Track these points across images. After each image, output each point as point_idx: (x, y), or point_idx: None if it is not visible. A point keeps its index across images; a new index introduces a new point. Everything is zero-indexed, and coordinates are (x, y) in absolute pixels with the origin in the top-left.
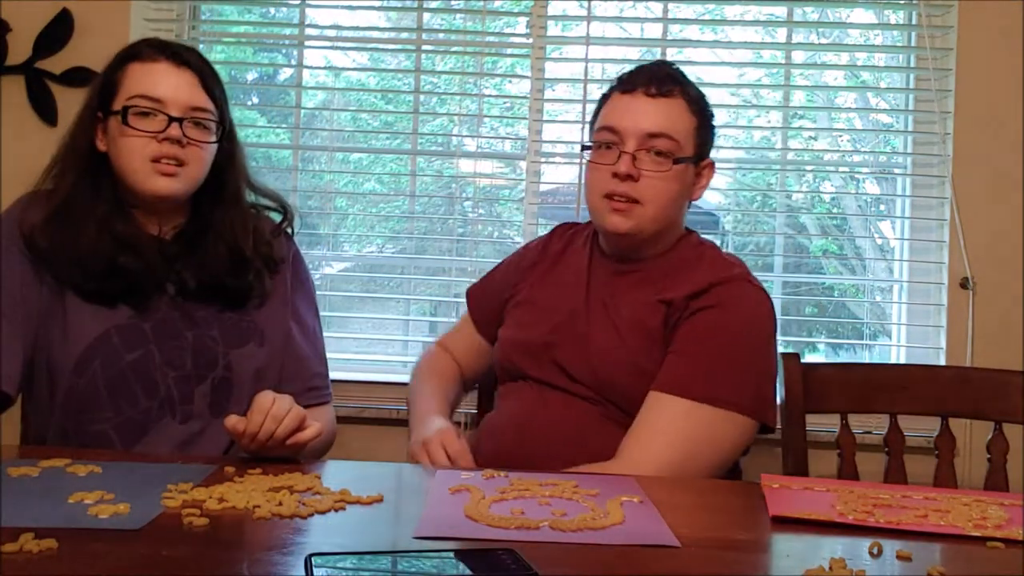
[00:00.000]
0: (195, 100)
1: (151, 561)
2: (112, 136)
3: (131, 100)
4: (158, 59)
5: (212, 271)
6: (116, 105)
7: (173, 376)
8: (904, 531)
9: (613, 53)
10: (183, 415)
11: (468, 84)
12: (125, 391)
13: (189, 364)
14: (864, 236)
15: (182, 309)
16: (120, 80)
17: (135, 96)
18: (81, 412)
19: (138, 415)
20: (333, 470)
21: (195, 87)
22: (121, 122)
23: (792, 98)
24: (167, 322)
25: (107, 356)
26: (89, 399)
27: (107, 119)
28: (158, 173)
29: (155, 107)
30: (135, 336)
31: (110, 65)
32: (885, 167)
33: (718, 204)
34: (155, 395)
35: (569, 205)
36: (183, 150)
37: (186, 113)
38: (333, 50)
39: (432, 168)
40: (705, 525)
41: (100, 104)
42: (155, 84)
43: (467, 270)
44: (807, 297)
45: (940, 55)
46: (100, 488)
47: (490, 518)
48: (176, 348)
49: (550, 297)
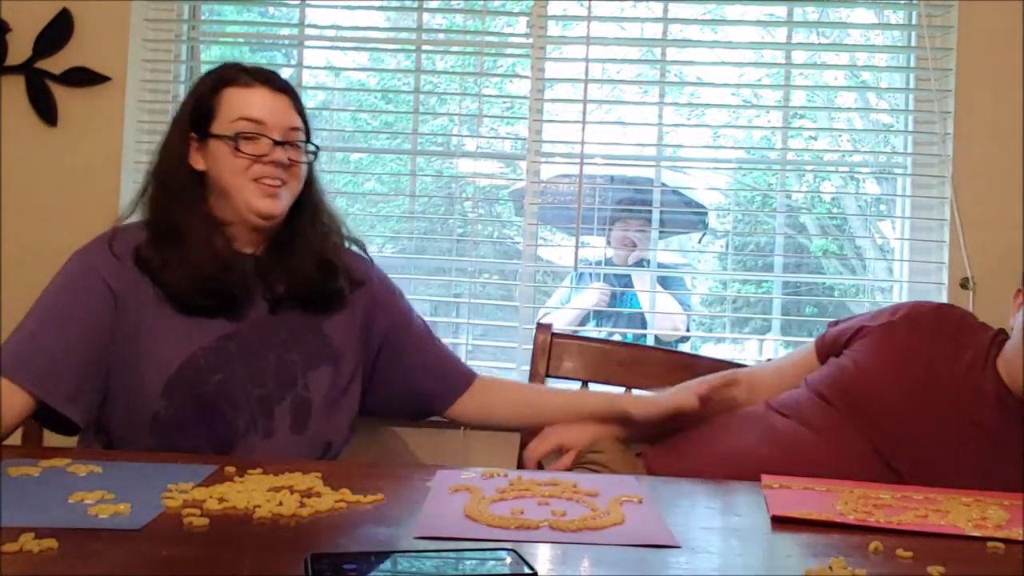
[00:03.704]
0: (291, 122)
1: (151, 561)
2: (215, 157)
3: (236, 124)
4: (253, 84)
5: (302, 279)
6: (217, 128)
7: (256, 394)
8: (904, 531)
9: (613, 53)
10: (266, 431)
11: (468, 84)
12: (213, 411)
13: (271, 384)
14: (864, 236)
15: (267, 328)
16: (217, 104)
17: (239, 119)
18: (174, 432)
19: (227, 432)
20: (333, 470)
21: (290, 109)
22: (233, 147)
23: (792, 98)
24: (251, 342)
25: (195, 379)
26: (181, 421)
27: (204, 140)
28: (263, 194)
29: (259, 130)
30: (221, 357)
31: (201, 89)
32: (885, 167)
33: (718, 204)
34: (240, 412)
35: (570, 205)
36: (285, 171)
37: (286, 135)
38: (333, 50)
39: (432, 168)
40: (705, 525)
41: (194, 126)
42: (257, 108)
43: (467, 270)
44: (807, 297)
45: (940, 55)
46: (100, 488)
47: (490, 518)
48: (258, 368)
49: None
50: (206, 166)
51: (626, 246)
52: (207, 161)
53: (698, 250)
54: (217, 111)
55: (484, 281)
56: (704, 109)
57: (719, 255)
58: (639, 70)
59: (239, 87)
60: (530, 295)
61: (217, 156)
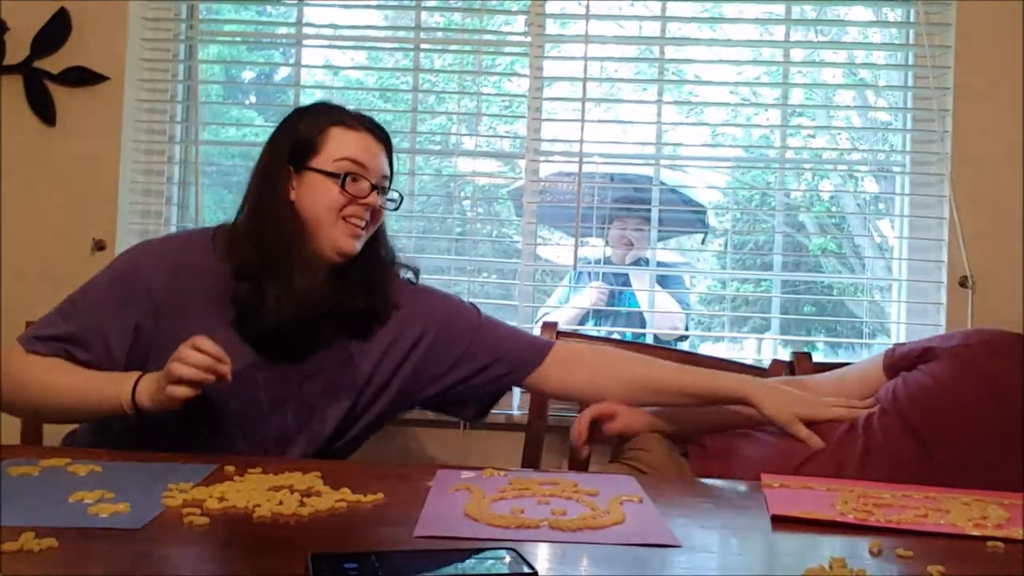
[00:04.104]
0: (385, 170)
1: (151, 560)
2: (310, 190)
3: (341, 163)
4: (359, 129)
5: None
6: (318, 163)
7: (274, 435)
8: (904, 530)
9: (612, 51)
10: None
11: (466, 82)
12: (226, 435)
13: (289, 418)
14: (863, 235)
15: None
16: (323, 141)
17: (344, 160)
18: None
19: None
20: (333, 470)
21: (385, 158)
22: (338, 184)
23: (790, 96)
24: (278, 373)
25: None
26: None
27: (300, 173)
28: (349, 233)
29: (361, 172)
30: (247, 385)
31: (305, 124)
32: (884, 165)
33: (717, 202)
34: (253, 444)
35: (568, 204)
36: (370, 214)
37: (380, 182)
38: (331, 49)
39: (431, 167)
40: (705, 524)
41: (293, 158)
42: (362, 152)
43: (466, 269)
44: (806, 296)
45: (938, 52)
46: (100, 487)
47: (490, 517)
48: (282, 401)
49: None
50: (295, 198)
51: (624, 245)
52: (297, 193)
53: (697, 249)
54: (321, 147)
55: (483, 280)
56: (703, 107)
57: (718, 254)
58: (637, 68)
59: (346, 128)
60: (529, 294)
61: (314, 190)
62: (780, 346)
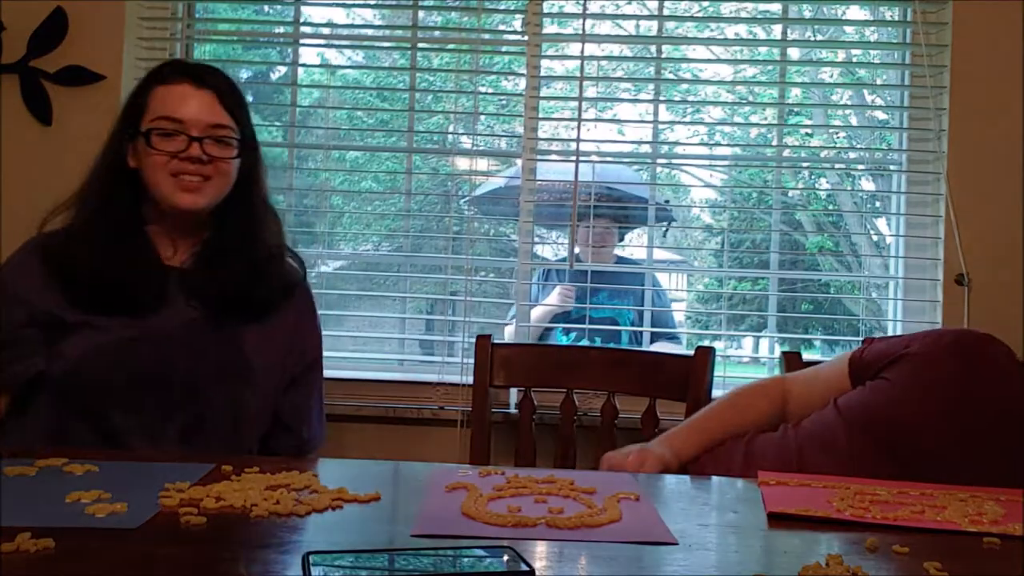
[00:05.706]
0: (214, 118)
1: (148, 560)
2: (140, 155)
3: (154, 122)
4: (180, 81)
5: (228, 287)
6: (143, 126)
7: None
8: (901, 527)
9: (609, 50)
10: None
11: (463, 81)
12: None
13: (175, 392)
14: (860, 233)
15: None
16: (147, 102)
17: (158, 118)
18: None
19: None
20: (330, 468)
21: (215, 106)
22: (145, 143)
23: (788, 95)
24: (159, 349)
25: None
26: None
27: (135, 139)
28: (181, 189)
29: (177, 128)
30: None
31: (138, 87)
32: (880, 163)
33: (714, 200)
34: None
35: (566, 203)
36: (207, 166)
37: (206, 132)
38: (328, 48)
39: (428, 166)
40: (702, 522)
41: (128, 124)
42: (177, 106)
43: (463, 267)
44: (803, 294)
45: (935, 51)
46: (97, 487)
47: (487, 516)
48: (162, 375)
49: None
50: (136, 165)
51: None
52: (137, 159)
53: (693, 247)
54: (146, 109)
55: (480, 279)
56: (700, 106)
57: (715, 252)
58: (634, 67)
59: (166, 84)
60: (526, 292)
61: (140, 153)
62: (777, 344)
